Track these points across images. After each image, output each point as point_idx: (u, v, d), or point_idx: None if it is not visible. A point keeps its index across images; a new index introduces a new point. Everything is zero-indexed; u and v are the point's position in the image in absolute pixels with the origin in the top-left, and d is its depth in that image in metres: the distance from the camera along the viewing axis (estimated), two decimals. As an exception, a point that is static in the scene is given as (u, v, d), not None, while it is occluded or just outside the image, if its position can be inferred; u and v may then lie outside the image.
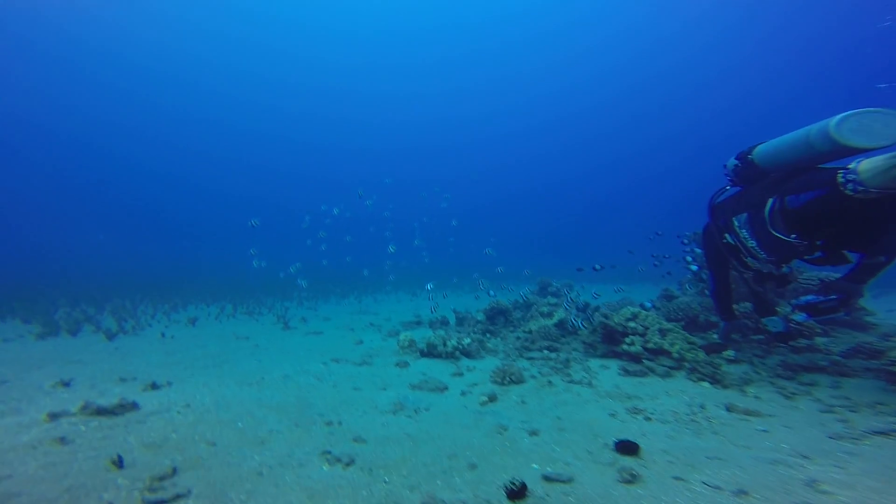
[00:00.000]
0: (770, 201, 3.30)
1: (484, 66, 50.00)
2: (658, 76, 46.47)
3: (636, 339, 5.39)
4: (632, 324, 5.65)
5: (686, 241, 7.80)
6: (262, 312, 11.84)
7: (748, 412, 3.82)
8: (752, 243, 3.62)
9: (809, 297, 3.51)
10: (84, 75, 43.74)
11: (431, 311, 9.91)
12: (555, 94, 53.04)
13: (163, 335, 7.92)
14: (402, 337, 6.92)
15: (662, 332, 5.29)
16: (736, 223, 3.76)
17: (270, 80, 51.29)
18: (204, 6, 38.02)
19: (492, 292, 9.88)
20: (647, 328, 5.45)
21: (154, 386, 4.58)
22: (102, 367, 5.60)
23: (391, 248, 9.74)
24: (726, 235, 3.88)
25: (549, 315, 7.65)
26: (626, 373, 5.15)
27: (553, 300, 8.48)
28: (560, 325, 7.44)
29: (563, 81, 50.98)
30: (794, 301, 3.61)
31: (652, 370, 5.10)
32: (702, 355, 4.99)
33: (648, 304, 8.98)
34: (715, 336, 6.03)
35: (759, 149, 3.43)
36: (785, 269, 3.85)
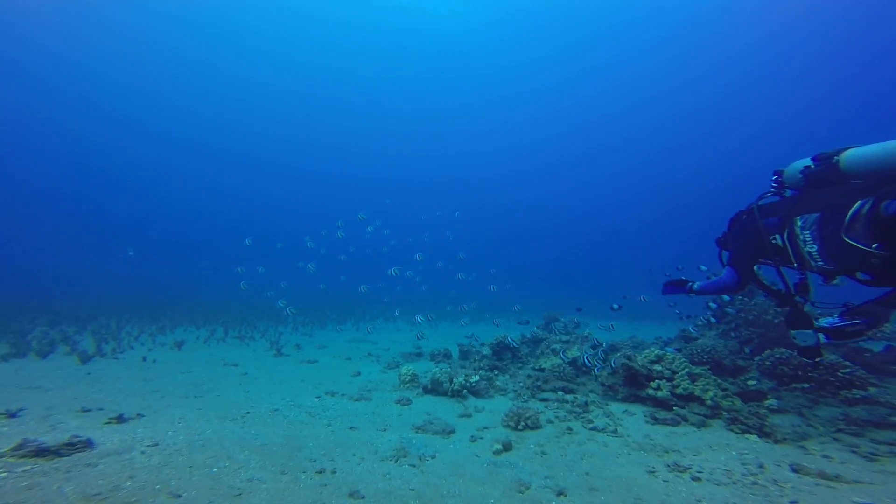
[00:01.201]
0: (858, 203, 2.94)
1: (495, 106, 51.03)
2: (671, 116, 47.22)
3: (663, 383, 4.88)
4: (657, 367, 5.15)
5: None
6: (254, 337, 11.23)
7: (825, 476, 3.24)
8: (811, 248, 3.20)
9: (834, 321, 3.16)
10: (77, 96, 44.20)
11: (417, 338, 9.40)
12: (567, 132, 53.96)
13: (144, 359, 7.33)
14: (403, 370, 6.36)
15: (692, 377, 4.78)
16: (800, 223, 3.21)
17: (270, 101, 51.90)
18: (205, 35, 39.08)
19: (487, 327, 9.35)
20: (674, 372, 4.94)
21: (120, 419, 3.98)
22: (65, 394, 4.99)
23: (393, 272, 9.32)
24: (776, 236, 3.35)
25: (561, 353, 7.11)
26: (655, 420, 4.59)
27: (564, 337, 7.97)
28: (573, 363, 6.90)
29: (571, 123, 52.15)
30: (815, 322, 3.23)
31: (684, 418, 4.54)
32: (739, 403, 4.46)
33: (670, 350, 8.47)
34: (752, 384, 5.43)
35: (852, 153, 3.11)
36: (836, 281, 3.46)
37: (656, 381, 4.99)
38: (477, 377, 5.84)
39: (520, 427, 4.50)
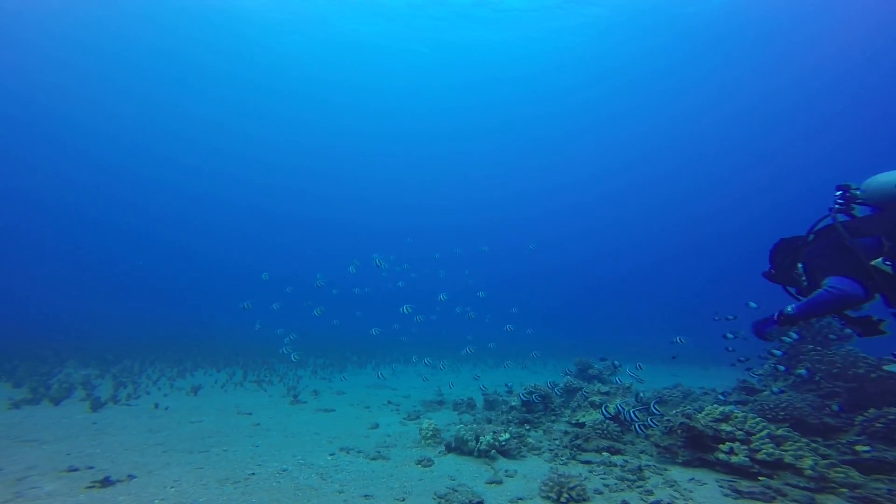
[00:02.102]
0: None
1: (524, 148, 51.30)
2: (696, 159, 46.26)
3: (737, 446, 4.06)
4: (726, 426, 4.36)
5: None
6: (272, 381, 10.83)
7: None
8: None
9: None
10: (100, 155, 47.33)
11: (423, 380, 8.72)
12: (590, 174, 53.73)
13: (156, 406, 7.03)
14: (424, 424, 5.74)
15: (776, 440, 3.96)
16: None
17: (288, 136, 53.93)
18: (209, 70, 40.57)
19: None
20: (750, 433, 4.13)
21: (105, 482, 3.56)
22: (60, 448, 4.64)
23: (405, 309, 8.92)
24: (882, 260, 2.72)
25: (602, 406, 6.30)
26: (738, 494, 3.75)
27: (603, 388, 7.15)
28: (616, 418, 6.05)
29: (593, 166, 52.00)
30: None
31: (779, 492, 3.67)
32: (857, 476, 3.58)
33: (722, 398, 7.44)
34: (863, 450, 4.31)
35: None
36: None
37: (727, 443, 4.17)
38: (507, 435, 5.15)
39: (563, 500, 3.78)
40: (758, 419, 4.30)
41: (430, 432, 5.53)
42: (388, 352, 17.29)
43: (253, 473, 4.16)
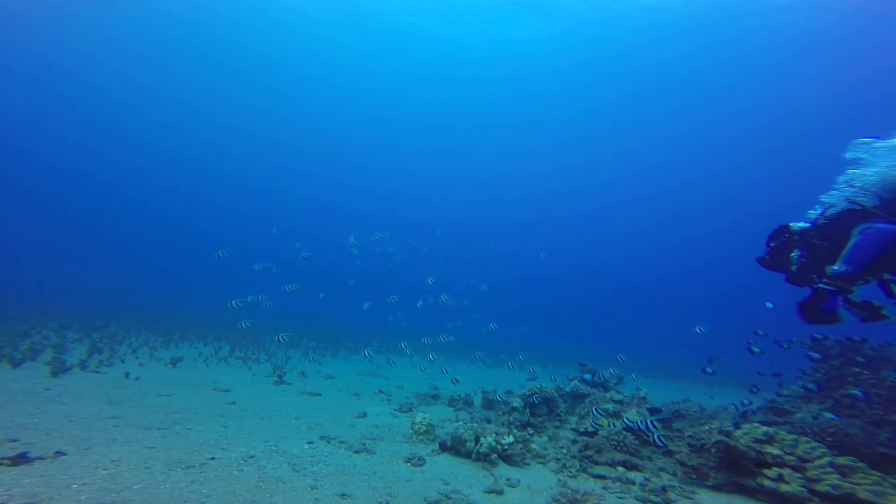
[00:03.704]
0: None
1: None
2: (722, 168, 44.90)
3: (789, 474, 3.38)
4: (771, 448, 3.68)
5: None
6: (259, 360, 10.26)
7: None
8: None
9: None
10: (106, 115, 46.77)
11: (421, 370, 8.04)
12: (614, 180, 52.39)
13: (126, 375, 6.44)
14: (417, 418, 5.11)
15: (840, 470, 3.27)
16: None
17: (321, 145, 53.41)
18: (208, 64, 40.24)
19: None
20: (804, 459, 3.46)
21: (19, 459, 2.88)
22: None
23: (392, 299, 8.41)
24: None
25: (616, 415, 5.65)
26: (786, 536, 3.09)
27: (617, 396, 6.49)
28: (633, 430, 5.38)
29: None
30: None
31: None
32: None
33: (742, 408, 6.78)
34: None
35: None
36: None
37: (775, 469, 3.49)
38: (511, 438, 4.50)
39: (576, 522, 3.13)
40: (814, 443, 3.61)
41: (424, 427, 4.90)
42: (388, 340, 16.67)
43: (212, 458, 3.54)
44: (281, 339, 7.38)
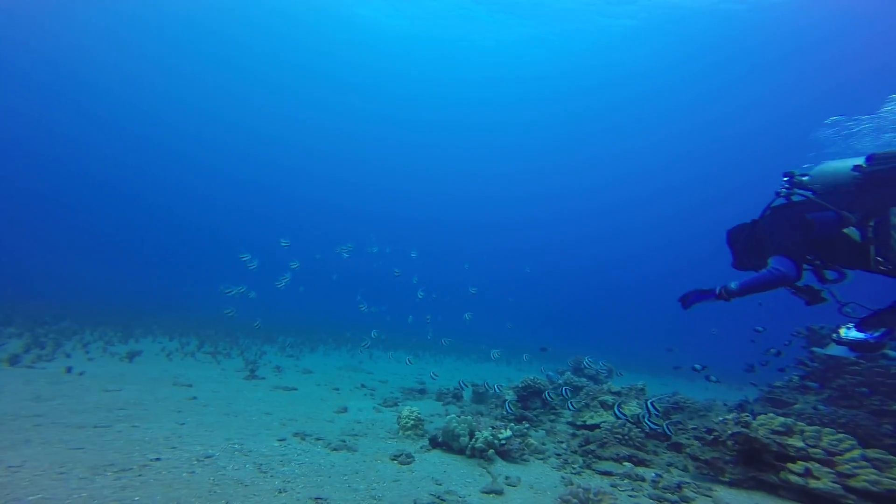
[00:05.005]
0: None
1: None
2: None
3: (818, 468, 3.05)
4: (793, 441, 3.35)
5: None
6: (230, 354, 9.49)
7: None
8: None
9: (858, 335, 2.93)
10: (92, 110, 44.73)
11: (407, 363, 7.57)
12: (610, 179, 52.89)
13: (68, 370, 5.65)
14: (404, 412, 4.59)
15: (875, 463, 2.96)
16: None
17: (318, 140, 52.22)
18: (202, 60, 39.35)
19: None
20: (832, 452, 3.14)
21: None
22: None
23: (363, 306, 7.92)
24: (852, 228, 3.01)
25: (615, 407, 5.28)
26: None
27: (616, 387, 6.15)
28: (636, 423, 5.04)
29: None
30: (834, 335, 3.03)
31: None
32: None
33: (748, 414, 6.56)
34: None
35: None
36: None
37: (801, 463, 3.16)
38: (509, 432, 4.05)
39: (591, 526, 2.69)
40: (840, 435, 3.30)
41: (411, 422, 4.39)
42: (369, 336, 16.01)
43: (157, 459, 2.94)
44: (255, 325, 6.76)
